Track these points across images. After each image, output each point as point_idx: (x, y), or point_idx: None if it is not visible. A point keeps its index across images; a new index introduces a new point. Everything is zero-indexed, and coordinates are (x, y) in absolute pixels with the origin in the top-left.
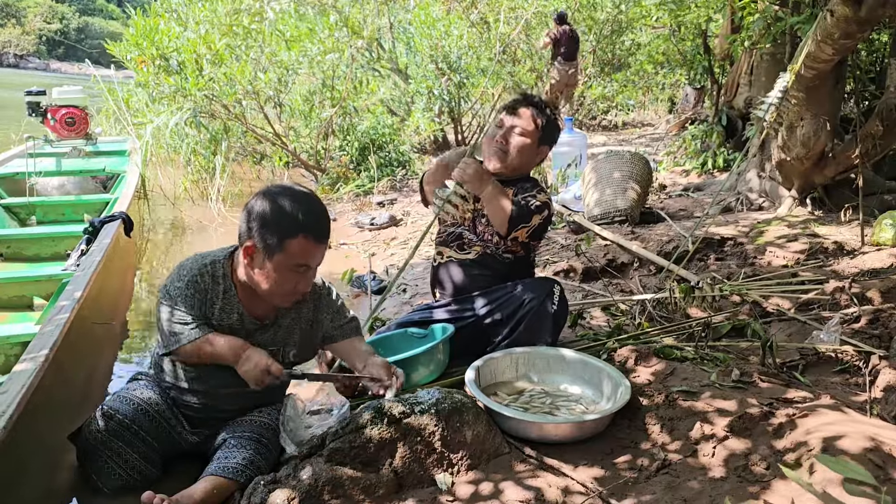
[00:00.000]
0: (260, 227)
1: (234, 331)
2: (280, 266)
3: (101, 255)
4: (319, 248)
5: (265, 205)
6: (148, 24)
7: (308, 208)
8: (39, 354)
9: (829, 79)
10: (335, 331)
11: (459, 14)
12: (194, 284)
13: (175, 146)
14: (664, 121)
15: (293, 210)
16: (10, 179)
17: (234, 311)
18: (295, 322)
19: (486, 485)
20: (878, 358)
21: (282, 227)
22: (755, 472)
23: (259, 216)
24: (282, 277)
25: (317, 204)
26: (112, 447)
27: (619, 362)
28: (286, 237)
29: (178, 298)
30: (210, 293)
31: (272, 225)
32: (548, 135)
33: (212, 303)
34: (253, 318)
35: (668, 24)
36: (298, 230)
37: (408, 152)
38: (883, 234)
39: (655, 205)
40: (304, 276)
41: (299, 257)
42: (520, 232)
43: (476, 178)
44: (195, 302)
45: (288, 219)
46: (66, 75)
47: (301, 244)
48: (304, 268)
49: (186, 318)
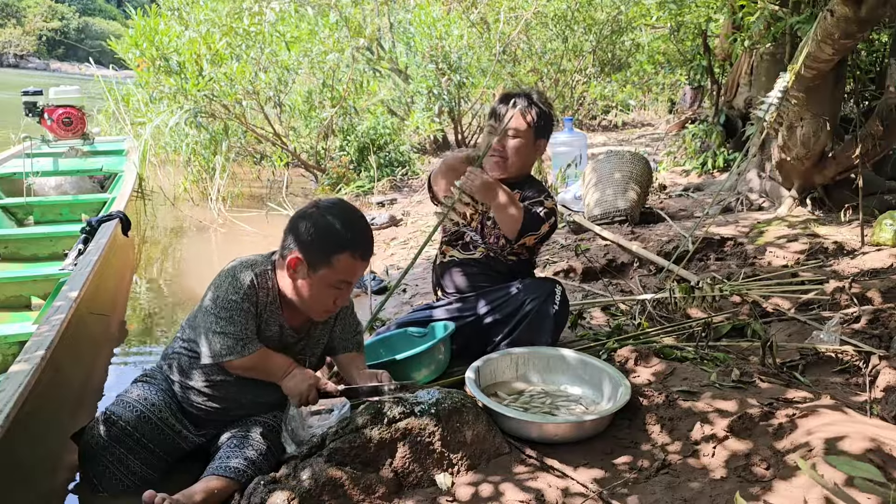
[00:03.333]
0: (308, 241)
1: (270, 341)
2: (323, 281)
3: (99, 255)
4: (363, 265)
5: (316, 218)
6: (148, 25)
7: (357, 227)
8: (36, 354)
9: (829, 79)
10: (341, 343)
11: (459, 14)
12: (250, 298)
13: (175, 146)
14: (664, 121)
15: (343, 227)
16: (8, 179)
17: (275, 322)
18: (323, 333)
19: (485, 485)
20: (878, 358)
21: (330, 243)
22: (756, 472)
23: (308, 229)
24: (322, 292)
25: (364, 222)
26: (114, 453)
27: (619, 362)
28: (334, 253)
29: (235, 311)
30: (260, 305)
31: (320, 240)
32: (542, 127)
33: (260, 315)
34: (292, 330)
35: (668, 24)
36: (346, 247)
37: (408, 152)
38: (883, 234)
39: (655, 205)
40: (344, 292)
41: (343, 274)
42: (528, 239)
43: (483, 189)
44: (251, 315)
45: (337, 235)
46: (66, 75)
47: (347, 261)
48: (346, 284)
49: (243, 333)
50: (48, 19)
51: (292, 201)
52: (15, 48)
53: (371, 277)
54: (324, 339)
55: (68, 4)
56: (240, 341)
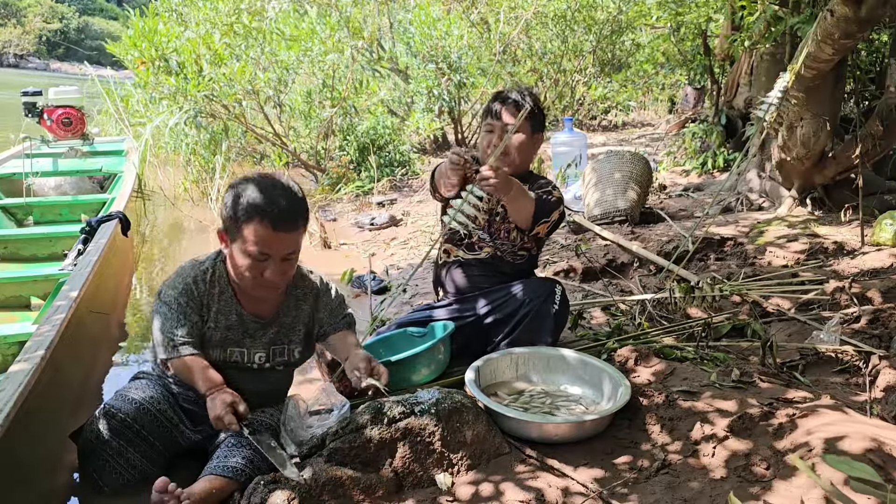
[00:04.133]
0: (225, 212)
1: (232, 329)
2: (242, 252)
3: (98, 255)
4: (278, 235)
5: (234, 190)
6: (147, 25)
7: (269, 195)
8: (36, 354)
9: (829, 79)
10: (330, 326)
11: (459, 14)
12: (188, 293)
13: (175, 146)
14: (664, 121)
15: (253, 196)
16: (7, 180)
17: (232, 311)
18: (297, 320)
19: (486, 485)
20: (878, 358)
21: (239, 212)
22: (755, 472)
23: (226, 201)
24: (245, 264)
25: (280, 192)
26: (113, 446)
27: (619, 362)
28: (243, 222)
29: (173, 307)
30: (206, 298)
31: (232, 209)
32: (537, 121)
33: (208, 307)
34: (253, 317)
35: (668, 24)
36: (254, 215)
37: (408, 152)
38: (883, 234)
39: (655, 205)
40: (272, 266)
41: (257, 244)
42: (541, 227)
43: (504, 184)
44: (188, 311)
45: (246, 204)
46: (66, 75)
47: (256, 230)
48: (264, 256)
49: (173, 334)
50: (48, 20)
51: None
52: (15, 48)
53: (371, 277)
54: (299, 325)
55: (68, 4)
56: (170, 342)
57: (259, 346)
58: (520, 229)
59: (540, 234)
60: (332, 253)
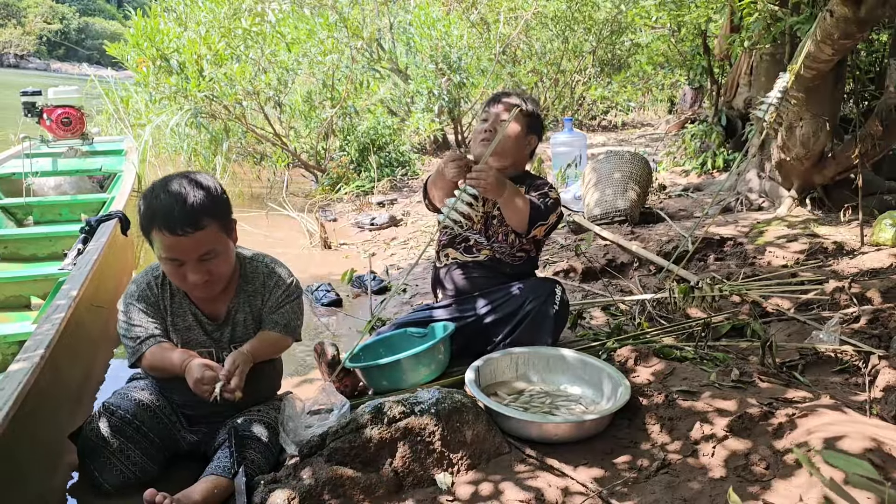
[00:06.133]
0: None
1: (192, 330)
2: (159, 259)
3: (98, 254)
4: (179, 240)
5: (140, 200)
6: (148, 25)
7: (163, 201)
8: (36, 353)
9: (829, 79)
10: (266, 320)
11: (459, 14)
12: (144, 298)
13: (175, 146)
14: (664, 121)
15: (149, 203)
16: (7, 180)
17: (187, 312)
18: (249, 316)
19: (486, 485)
20: (878, 358)
21: (142, 222)
22: (755, 472)
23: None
24: (167, 271)
25: (176, 195)
26: (113, 443)
27: (618, 362)
28: (147, 232)
29: (131, 313)
30: (161, 302)
31: (140, 220)
32: (533, 123)
33: (165, 310)
34: (207, 317)
35: (668, 25)
36: (151, 224)
37: (408, 152)
38: (883, 234)
39: (655, 205)
40: (190, 269)
41: (163, 251)
42: (538, 230)
43: (497, 184)
44: (148, 313)
45: (144, 215)
46: (66, 75)
47: (158, 238)
48: (177, 261)
49: (136, 333)
50: (49, 20)
51: (292, 201)
52: (15, 48)
53: (371, 277)
54: (251, 321)
55: (69, 5)
56: (135, 341)
57: (223, 345)
58: (516, 233)
59: (537, 236)
60: (332, 253)
